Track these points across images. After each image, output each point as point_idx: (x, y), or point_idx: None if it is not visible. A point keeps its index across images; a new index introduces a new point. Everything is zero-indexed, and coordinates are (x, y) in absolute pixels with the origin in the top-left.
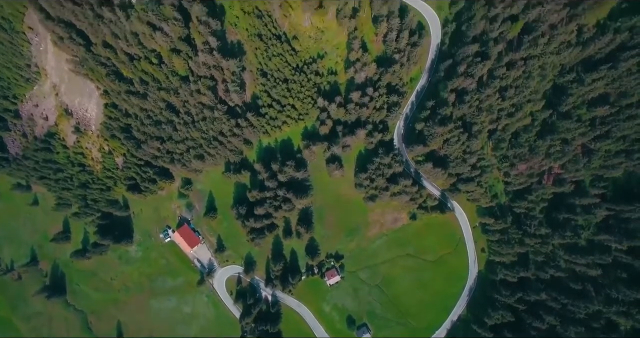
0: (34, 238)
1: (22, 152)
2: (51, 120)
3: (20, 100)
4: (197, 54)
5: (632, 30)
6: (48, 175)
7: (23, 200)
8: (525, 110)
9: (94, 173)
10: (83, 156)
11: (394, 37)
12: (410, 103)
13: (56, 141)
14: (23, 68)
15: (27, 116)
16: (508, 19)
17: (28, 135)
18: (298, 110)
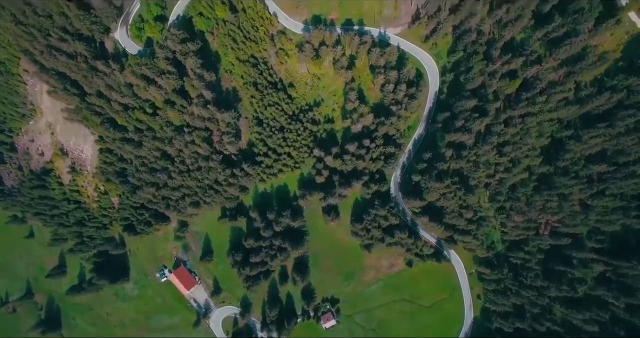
0: (29, 271)
1: (18, 186)
2: (47, 156)
3: (16, 133)
4: (191, 105)
5: (629, 90)
6: (43, 211)
7: (19, 233)
8: (522, 165)
9: (90, 211)
10: (79, 194)
11: (391, 89)
12: (407, 151)
13: (52, 178)
14: (18, 105)
15: (22, 150)
16: (506, 75)
17: (24, 169)
18: (294, 159)
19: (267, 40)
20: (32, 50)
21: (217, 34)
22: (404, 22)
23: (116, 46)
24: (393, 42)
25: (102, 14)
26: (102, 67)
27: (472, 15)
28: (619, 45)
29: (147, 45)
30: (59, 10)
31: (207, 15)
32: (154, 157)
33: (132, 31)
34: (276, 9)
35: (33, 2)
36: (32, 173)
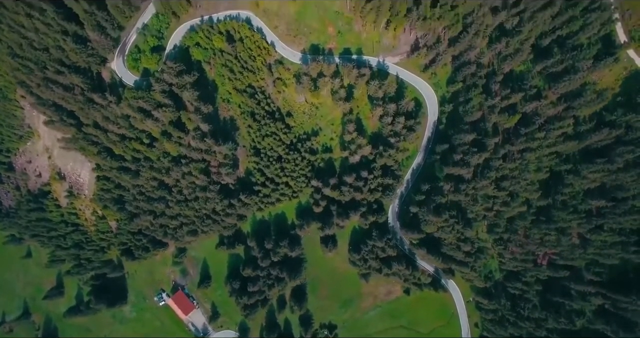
0: (27, 291)
1: (16, 206)
2: (44, 177)
3: (13, 153)
4: (188, 135)
5: (628, 126)
6: (41, 233)
7: (16, 253)
8: (520, 199)
9: (87, 234)
10: (77, 217)
11: (389, 121)
12: (406, 181)
13: (49, 201)
14: (16, 127)
15: (20, 170)
16: (505, 109)
17: (21, 188)
18: (292, 188)
19: (265, 70)
20: (28, 82)
21: (214, 64)
22: (403, 51)
23: (113, 76)
24: (392, 71)
25: (99, 46)
26: (99, 99)
27: (471, 48)
28: (617, 80)
29: (143, 75)
30: (55, 44)
31: (204, 46)
32: (152, 186)
33: (128, 62)
34: (274, 38)
35: (30, 35)
36: (30, 194)
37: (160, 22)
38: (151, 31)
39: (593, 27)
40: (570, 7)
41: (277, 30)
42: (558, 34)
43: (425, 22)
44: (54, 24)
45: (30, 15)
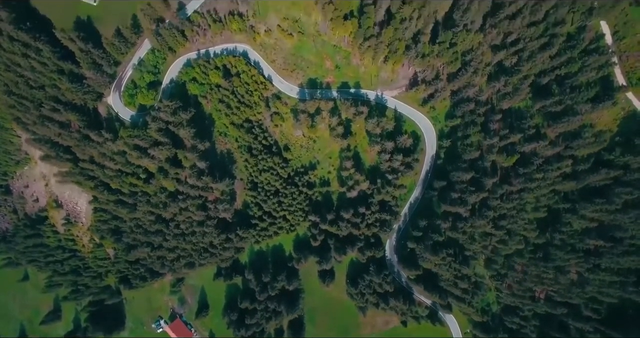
0: (24, 313)
1: (13, 230)
2: (42, 202)
3: (10, 176)
4: (185, 170)
5: (626, 167)
6: (38, 258)
7: (13, 276)
8: (518, 238)
9: (85, 260)
10: (74, 243)
11: (387, 158)
12: (403, 214)
13: (46, 227)
14: (12, 152)
15: (17, 193)
16: (504, 149)
17: (19, 212)
18: (290, 222)
19: (262, 105)
20: (24, 120)
21: (210, 98)
22: (402, 85)
23: (109, 111)
24: (390, 105)
25: (95, 83)
26: (95, 136)
27: (470, 86)
28: (615, 120)
29: (140, 110)
30: (51, 83)
31: (200, 81)
32: (149, 220)
33: (125, 98)
34: (271, 72)
35: (26, 74)
36: (27, 217)
37: (157, 57)
38: (147, 67)
39: (591, 70)
40: (569, 48)
41: (275, 64)
42: (557, 73)
43: (424, 59)
44: (50, 63)
45: (27, 55)
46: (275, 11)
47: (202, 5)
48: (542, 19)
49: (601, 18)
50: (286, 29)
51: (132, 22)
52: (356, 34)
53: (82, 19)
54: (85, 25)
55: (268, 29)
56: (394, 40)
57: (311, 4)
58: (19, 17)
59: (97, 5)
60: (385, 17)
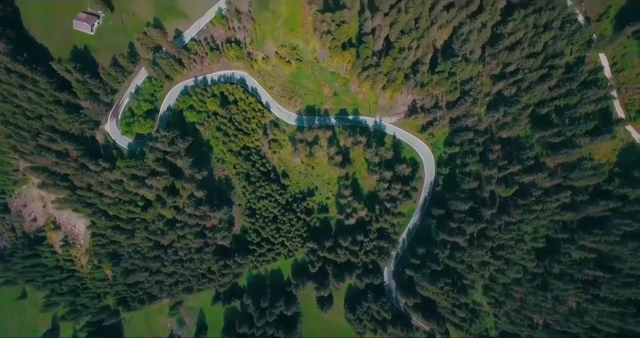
0: (21, 331)
1: (11, 248)
2: (40, 221)
3: (8, 195)
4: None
5: (624, 198)
6: (35, 278)
7: (11, 294)
8: (517, 267)
9: (83, 280)
10: (72, 263)
11: (385, 187)
12: (402, 240)
13: (44, 247)
14: (10, 173)
15: (15, 211)
16: (503, 180)
17: (17, 230)
18: (288, 247)
19: (260, 132)
20: (21, 149)
21: (207, 126)
22: (400, 111)
23: (106, 138)
24: (389, 131)
25: (92, 112)
26: (92, 166)
27: (469, 115)
28: (614, 150)
29: (137, 138)
30: (48, 113)
31: (197, 109)
32: (147, 246)
33: (122, 127)
34: (269, 99)
35: (23, 105)
36: (25, 236)
37: (153, 85)
38: (144, 95)
39: (590, 103)
40: (568, 80)
41: (272, 91)
42: (556, 103)
43: (423, 88)
44: (47, 94)
45: (23, 86)
46: (273, 38)
47: (199, 33)
48: (541, 51)
49: (600, 50)
50: (284, 56)
51: (128, 50)
52: (354, 63)
53: (79, 48)
54: (82, 54)
55: (266, 56)
56: (392, 70)
57: (309, 31)
58: (16, 48)
59: (93, 35)
60: (384, 47)
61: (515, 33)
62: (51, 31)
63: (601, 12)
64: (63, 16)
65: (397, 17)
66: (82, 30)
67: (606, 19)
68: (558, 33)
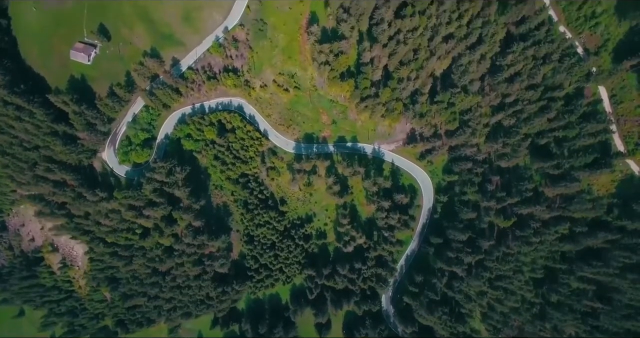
0: None
1: (9, 267)
2: (38, 241)
3: (6, 213)
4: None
5: (623, 230)
6: (33, 298)
7: (9, 312)
8: (515, 297)
9: (81, 300)
10: (70, 284)
11: (384, 216)
12: (400, 266)
13: (42, 268)
14: (7, 193)
15: (13, 230)
16: (501, 211)
17: (14, 249)
18: (286, 274)
19: (257, 160)
20: (18, 180)
21: (205, 154)
22: (399, 138)
23: (104, 167)
24: (387, 158)
25: (89, 143)
26: (89, 196)
27: (468, 145)
28: (613, 181)
29: (135, 166)
30: (45, 145)
31: (195, 137)
32: (145, 273)
33: (119, 156)
34: (267, 127)
35: (20, 135)
36: (23, 254)
37: (151, 114)
38: (141, 124)
39: (589, 137)
40: (567, 112)
41: (270, 119)
42: (555, 134)
43: (421, 118)
44: (44, 126)
45: (20, 118)
46: (271, 66)
47: (196, 61)
48: (540, 83)
49: (599, 83)
50: (282, 84)
51: (126, 79)
52: (353, 93)
53: (76, 78)
54: (79, 83)
55: (263, 84)
56: (391, 100)
57: (307, 59)
58: (13, 79)
59: (91, 64)
60: (383, 76)
61: (515, 65)
62: (48, 60)
63: (599, 45)
64: (60, 45)
65: (396, 49)
66: (79, 61)
67: (604, 51)
68: (557, 65)
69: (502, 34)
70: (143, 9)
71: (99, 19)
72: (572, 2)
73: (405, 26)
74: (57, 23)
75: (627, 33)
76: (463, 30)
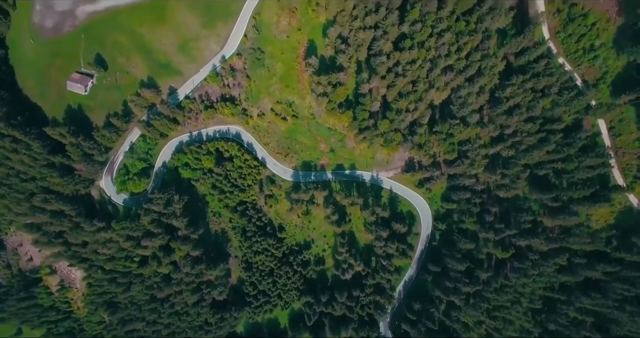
0: None
1: (6, 286)
2: (36, 261)
3: (4, 232)
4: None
5: (622, 263)
6: (31, 319)
7: (6, 330)
8: (514, 326)
9: (80, 320)
10: (69, 305)
11: (382, 244)
12: (398, 292)
13: (40, 288)
14: (5, 214)
15: (11, 249)
16: (499, 243)
17: (12, 267)
18: (284, 299)
19: (255, 188)
20: (15, 210)
21: (203, 183)
22: (398, 166)
23: (102, 195)
24: (385, 185)
25: (86, 173)
26: (87, 226)
27: (466, 176)
28: (612, 212)
29: (132, 194)
30: (41, 176)
31: (193, 166)
32: (144, 299)
33: (117, 185)
34: (264, 154)
35: (16, 167)
36: (21, 273)
37: (148, 144)
38: (138, 154)
39: (588, 171)
40: (566, 145)
41: (268, 147)
42: (554, 166)
43: (420, 149)
44: (40, 158)
45: (17, 150)
46: (269, 95)
47: (193, 90)
48: (539, 115)
49: (598, 116)
50: (280, 112)
51: (123, 108)
52: (351, 125)
53: (72, 108)
54: (76, 113)
55: (261, 112)
56: (389, 131)
57: (305, 87)
58: (10, 112)
59: (87, 94)
60: (381, 107)
61: (514, 97)
62: (45, 91)
63: (598, 77)
64: (57, 76)
65: (395, 81)
66: (76, 91)
67: (603, 84)
68: (556, 98)
69: (501, 66)
70: (140, 39)
71: (96, 49)
72: (571, 35)
73: (404, 58)
74: (54, 53)
75: (625, 67)
76: (462, 63)
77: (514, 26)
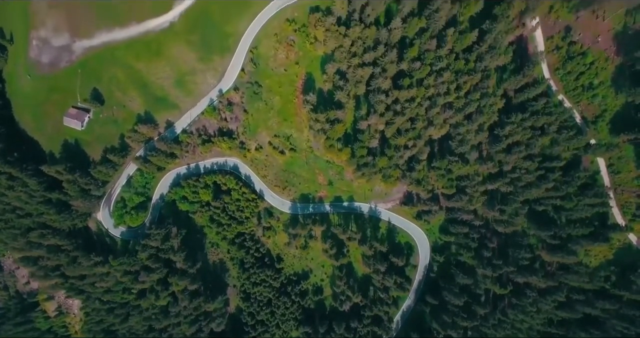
0: None
1: (3, 306)
2: (33, 285)
3: (2, 254)
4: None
5: (621, 301)
6: None
7: None
8: None
9: None
10: (66, 330)
11: (380, 278)
12: (396, 321)
13: (37, 313)
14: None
15: (8, 271)
16: (497, 279)
17: (9, 289)
18: (282, 329)
19: (253, 220)
20: (11, 245)
21: (201, 215)
22: (396, 198)
23: (99, 227)
24: (384, 217)
25: (82, 208)
26: (84, 261)
27: (465, 211)
28: (611, 248)
29: (130, 227)
30: (38, 213)
31: (190, 199)
32: (142, 330)
33: (114, 218)
34: (262, 187)
35: (12, 203)
36: (18, 295)
37: (145, 178)
38: (135, 188)
39: (587, 210)
40: (565, 183)
41: (266, 180)
42: (553, 203)
43: (418, 184)
44: (37, 195)
45: (13, 187)
46: (266, 128)
47: (190, 124)
48: (538, 153)
49: (597, 155)
50: (277, 146)
51: (119, 142)
52: (350, 161)
53: (69, 143)
54: (73, 147)
55: (259, 145)
56: (388, 167)
57: (303, 121)
58: (6, 148)
59: (84, 129)
60: (380, 143)
61: (513, 135)
62: (42, 126)
63: (597, 114)
64: (54, 111)
65: (393, 119)
66: (72, 126)
67: (602, 121)
68: (555, 136)
69: (500, 104)
70: (137, 73)
71: (93, 83)
72: (570, 72)
73: (402, 96)
74: (51, 88)
75: (623, 105)
76: (461, 101)
77: (513, 61)
